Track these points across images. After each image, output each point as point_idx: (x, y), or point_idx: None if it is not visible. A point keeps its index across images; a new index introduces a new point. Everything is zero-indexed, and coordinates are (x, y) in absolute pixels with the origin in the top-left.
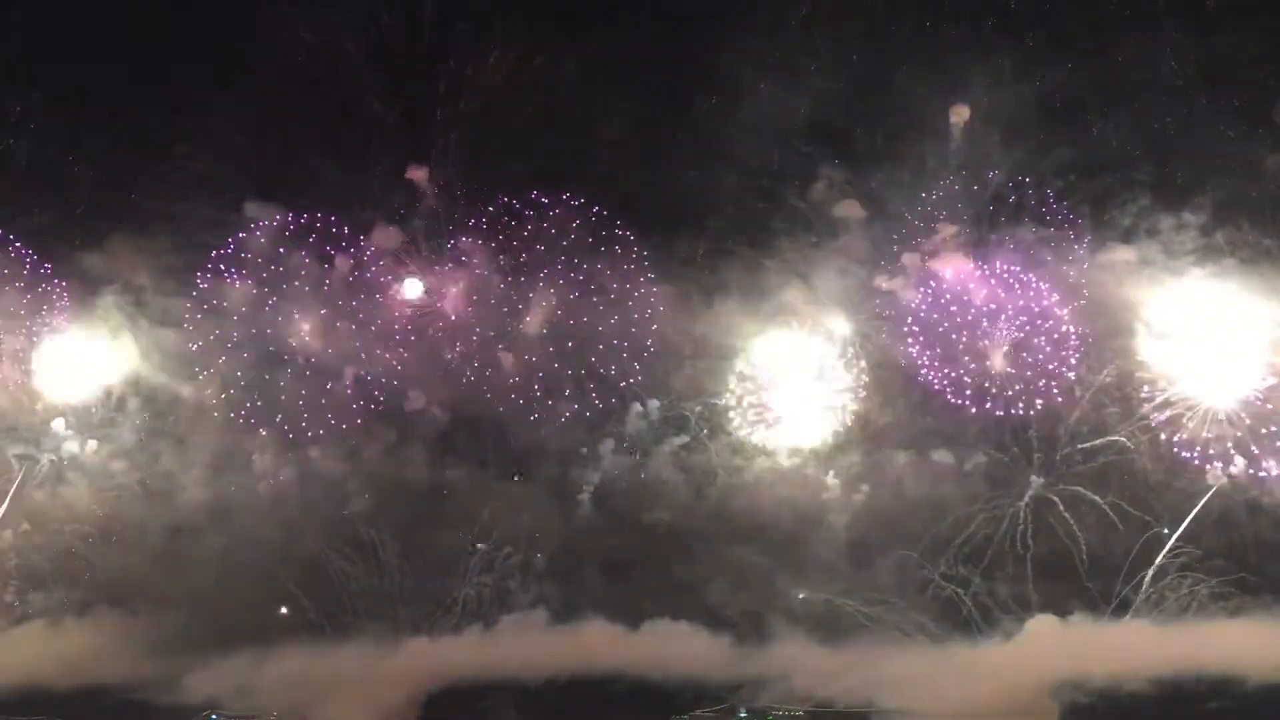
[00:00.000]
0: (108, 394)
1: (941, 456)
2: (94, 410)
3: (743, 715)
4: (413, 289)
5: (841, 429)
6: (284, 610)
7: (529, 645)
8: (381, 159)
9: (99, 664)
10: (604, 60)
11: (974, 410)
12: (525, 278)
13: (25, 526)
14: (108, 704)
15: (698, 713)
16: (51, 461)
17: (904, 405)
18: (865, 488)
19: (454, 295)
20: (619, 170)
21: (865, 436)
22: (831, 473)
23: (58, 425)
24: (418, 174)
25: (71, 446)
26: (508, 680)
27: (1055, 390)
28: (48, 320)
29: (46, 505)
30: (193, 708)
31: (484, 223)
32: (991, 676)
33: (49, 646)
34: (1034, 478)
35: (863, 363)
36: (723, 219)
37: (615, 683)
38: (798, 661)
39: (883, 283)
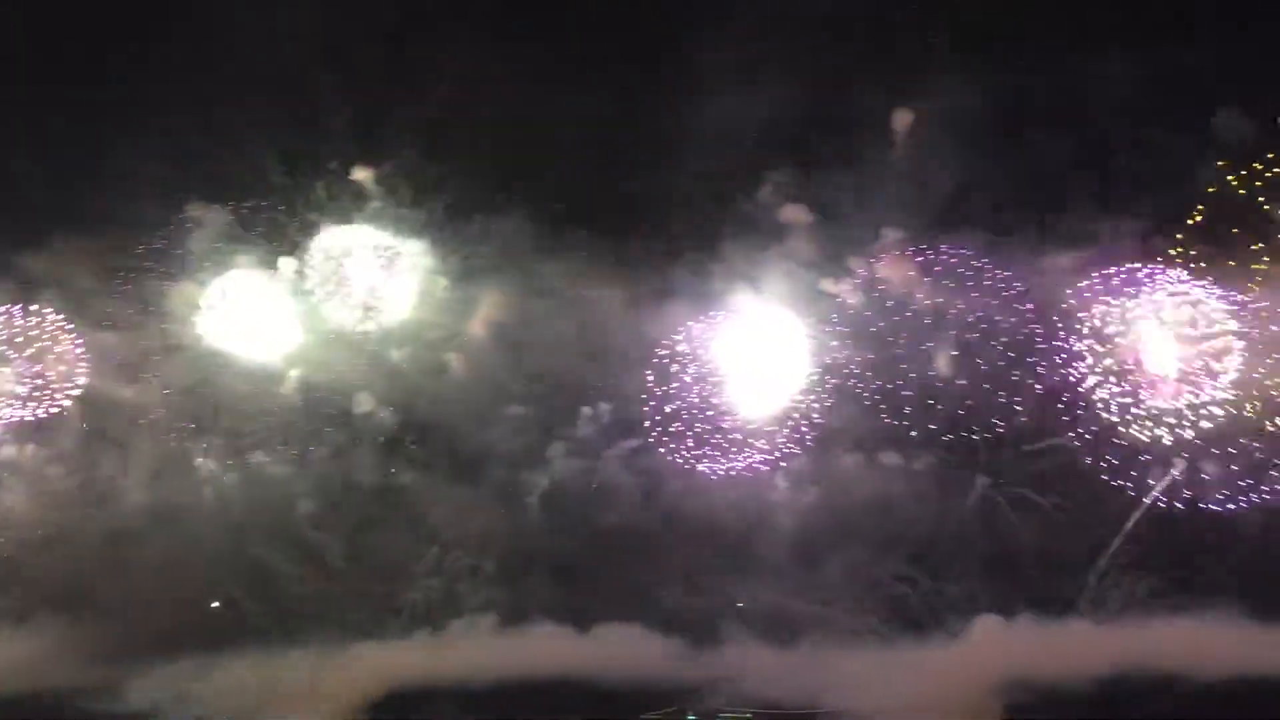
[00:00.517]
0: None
1: (889, 458)
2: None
3: (690, 718)
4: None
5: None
6: (227, 614)
7: (478, 649)
8: (330, 159)
9: (39, 671)
10: (557, 63)
11: (921, 412)
12: (473, 280)
13: None
14: (48, 712)
15: (646, 716)
16: None
17: (851, 407)
18: (814, 489)
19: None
20: (570, 173)
21: (813, 438)
22: (780, 475)
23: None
24: (364, 174)
25: (8, 451)
26: (456, 684)
27: (1001, 393)
28: None
29: None
30: (136, 715)
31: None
32: (938, 676)
33: None
34: (980, 479)
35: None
36: (672, 222)
37: (564, 686)
38: (746, 663)
39: (829, 286)
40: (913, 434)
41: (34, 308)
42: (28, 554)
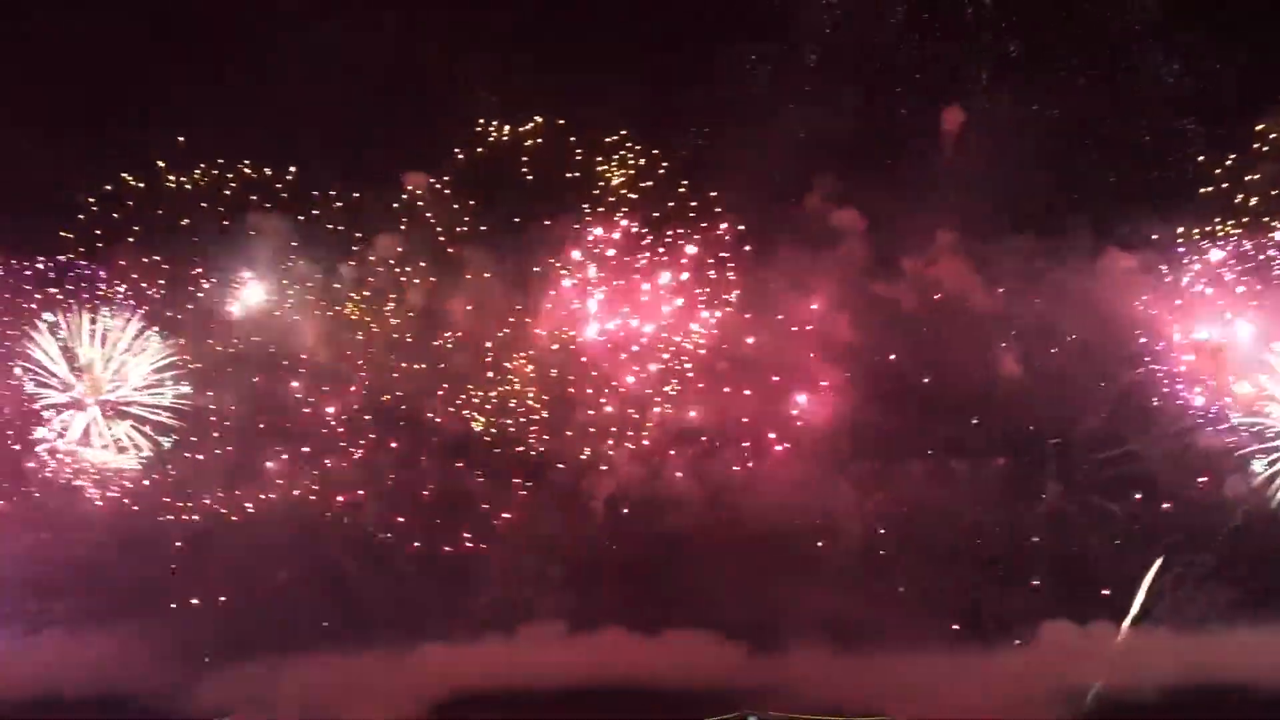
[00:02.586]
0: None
1: (955, 464)
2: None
3: None
4: None
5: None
6: (297, 616)
7: (546, 654)
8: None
9: (115, 672)
10: (600, 66)
11: (985, 417)
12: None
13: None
14: (123, 712)
15: None
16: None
17: (916, 413)
18: (878, 494)
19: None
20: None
21: (879, 444)
22: (845, 479)
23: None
24: (417, 180)
25: (82, 454)
26: (523, 689)
27: (1072, 397)
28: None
29: (64, 513)
30: (210, 714)
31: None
32: (1004, 683)
33: (67, 655)
34: (1051, 484)
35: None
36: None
37: (629, 691)
38: (810, 669)
39: (883, 290)
40: (977, 439)
41: (106, 316)
42: (103, 556)
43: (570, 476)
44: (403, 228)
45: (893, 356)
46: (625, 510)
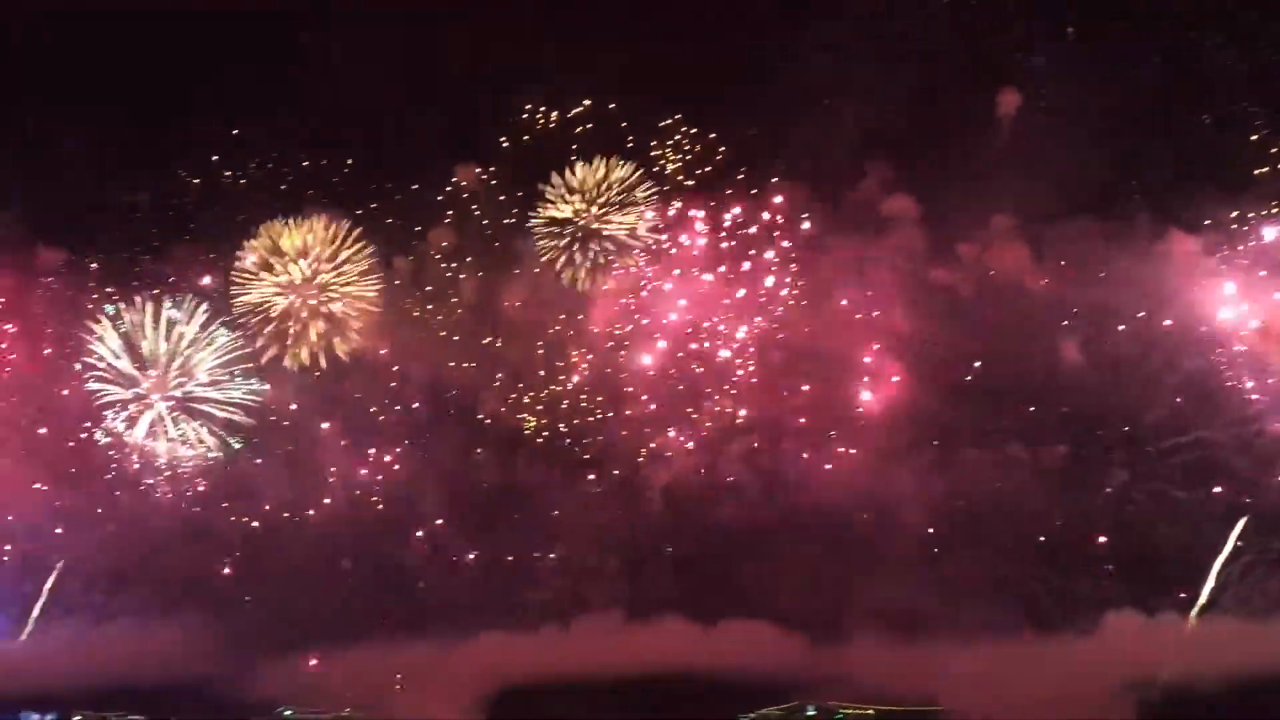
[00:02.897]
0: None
1: (1017, 452)
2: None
3: (810, 713)
4: None
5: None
6: (356, 609)
7: (603, 644)
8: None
9: (179, 662)
10: (655, 58)
11: (1048, 405)
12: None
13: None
14: (187, 700)
15: (765, 711)
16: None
17: (975, 401)
18: (938, 483)
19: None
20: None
21: (937, 433)
22: (904, 469)
23: (140, 429)
24: (468, 174)
25: (148, 449)
26: (580, 679)
27: (1133, 383)
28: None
29: (132, 507)
30: (268, 704)
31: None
32: (1067, 675)
33: (135, 644)
34: (1117, 473)
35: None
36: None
37: (686, 681)
38: (868, 660)
39: (939, 277)
40: (1038, 426)
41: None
42: (169, 549)
43: (626, 468)
44: (454, 222)
45: (950, 344)
46: (681, 501)
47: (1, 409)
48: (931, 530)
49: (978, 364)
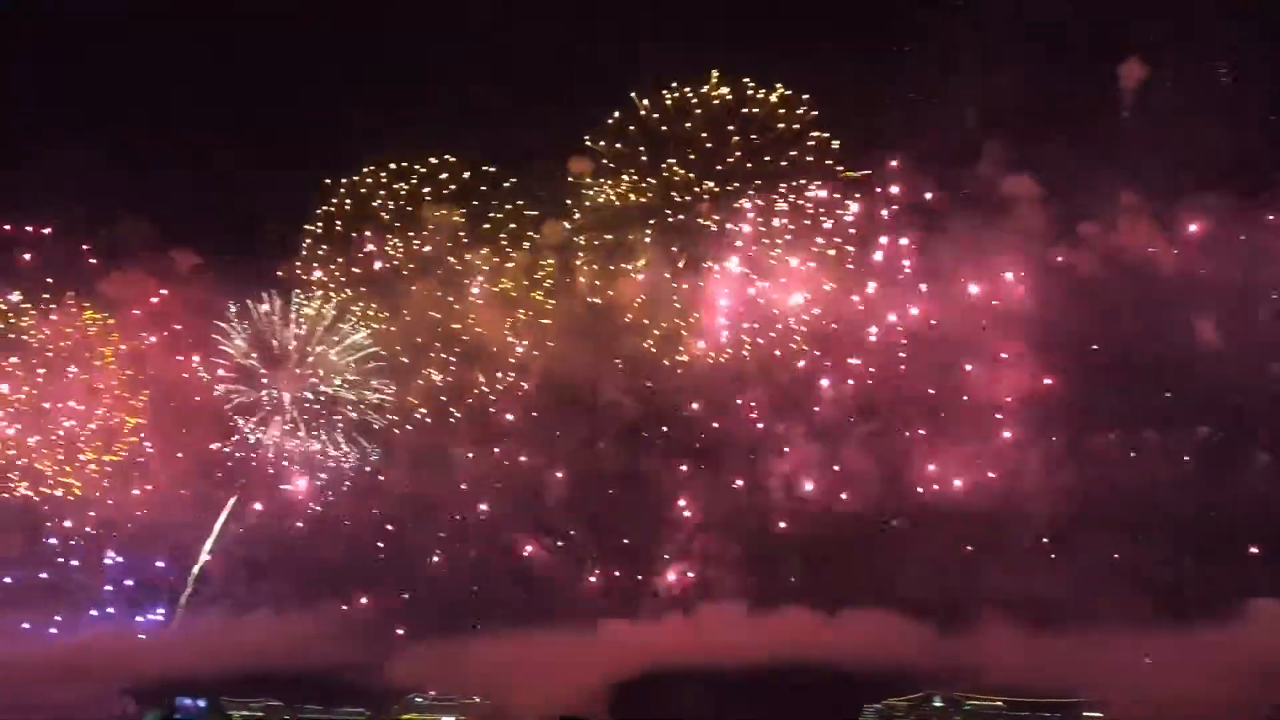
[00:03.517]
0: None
1: (1152, 436)
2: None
3: (937, 704)
4: None
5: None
6: (484, 596)
7: (727, 633)
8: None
9: (315, 649)
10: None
11: (1184, 387)
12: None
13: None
14: (322, 686)
15: (890, 701)
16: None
17: (1106, 384)
18: (1069, 469)
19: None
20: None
21: (1065, 417)
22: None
23: (275, 426)
24: (580, 165)
25: (286, 446)
26: (704, 667)
27: (1274, 362)
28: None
29: (270, 499)
30: (398, 690)
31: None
32: (1205, 664)
33: (274, 633)
34: (1260, 455)
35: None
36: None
37: (810, 670)
38: (999, 649)
39: (1061, 256)
40: (1173, 409)
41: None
42: (306, 540)
43: (747, 456)
44: (569, 212)
45: (1079, 326)
46: (805, 489)
47: (144, 408)
48: (1063, 517)
49: (1108, 346)
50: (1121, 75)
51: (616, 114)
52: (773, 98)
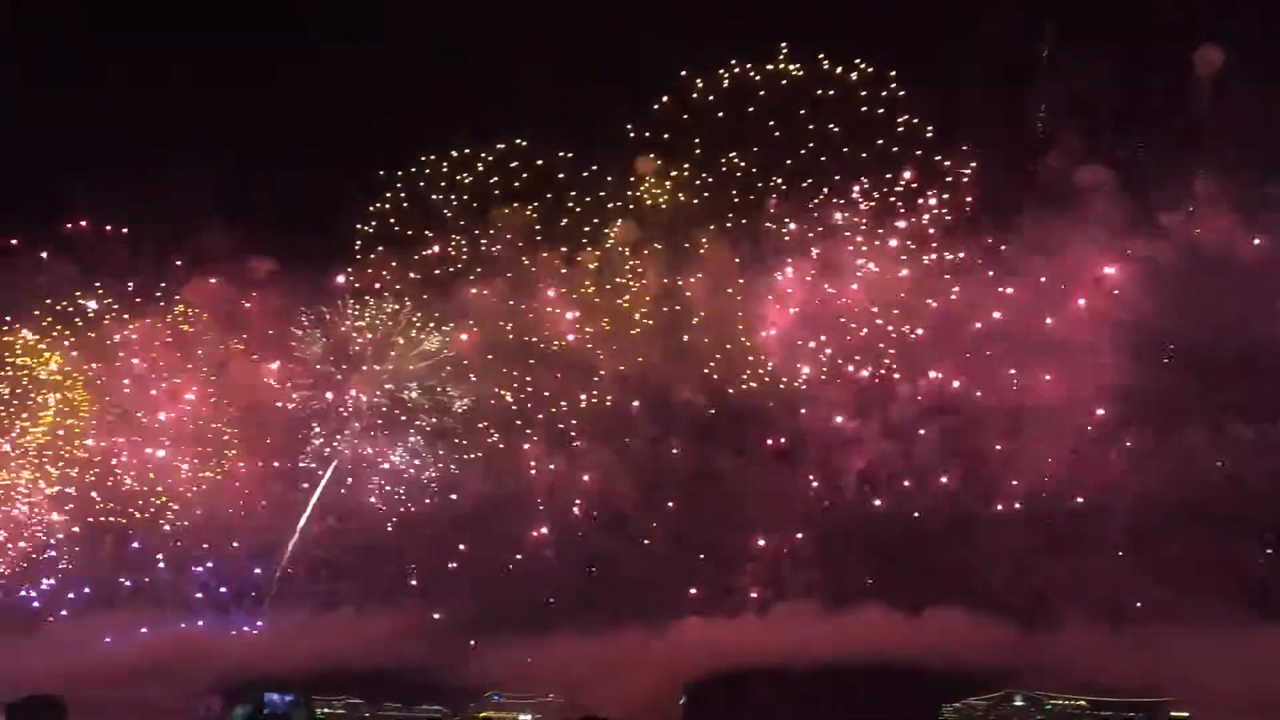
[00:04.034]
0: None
1: (1237, 430)
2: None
3: (1018, 703)
4: None
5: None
6: (559, 596)
7: (801, 632)
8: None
9: (394, 648)
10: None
11: (1270, 379)
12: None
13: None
14: (401, 684)
15: (970, 701)
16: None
17: (1189, 376)
18: (1152, 464)
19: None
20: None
21: (1150, 411)
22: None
23: (353, 428)
24: (648, 166)
25: (362, 449)
26: (778, 667)
27: None
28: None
29: (349, 502)
30: (475, 688)
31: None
32: None
33: (353, 632)
34: None
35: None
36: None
37: (887, 669)
38: (1082, 648)
39: (1138, 248)
40: (1260, 402)
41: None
42: (386, 541)
43: (820, 452)
44: (635, 211)
45: (1161, 319)
46: (877, 487)
47: (225, 413)
48: (1148, 512)
49: (1193, 340)
50: (1204, 61)
51: (665, 99)
52: (852, 75)
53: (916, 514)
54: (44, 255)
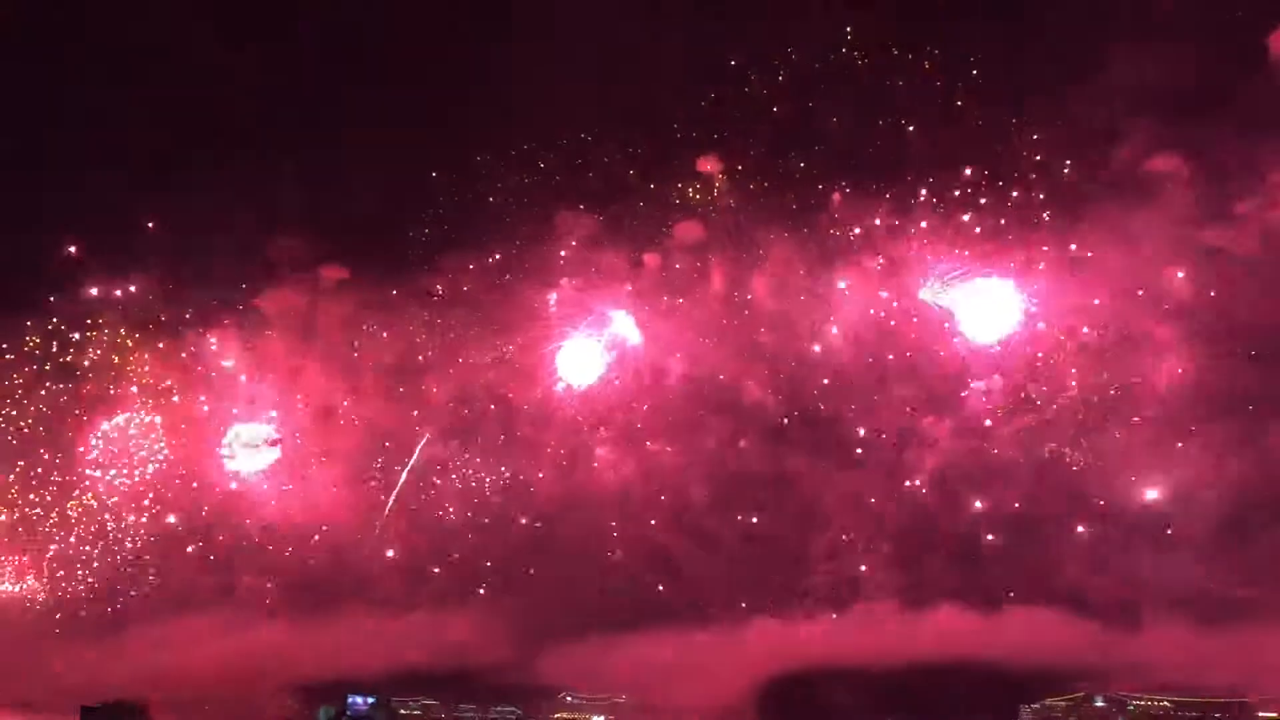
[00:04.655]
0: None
1: None
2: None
3: (1098, 704)
4: None
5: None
6: (631, 596)
7: (877, 632)
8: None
9: (469, 650)
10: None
11: None
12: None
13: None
14: (474, 686)
15: (1049, 701)
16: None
17: (1271, 368)
18: (1234, 459)
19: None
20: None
21: (1232, 403)
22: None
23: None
24: (711, 165)
25: (436, 452)
26: (853, 668)
27: None
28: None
29: (422, 505)
30: (548, 689)
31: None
32: None
33: (429, 634)
34: None
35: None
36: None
37: (965, 669)
38: (1165, 648)
39: (1214, 237)
40: None
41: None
42: (459, 544)
43: (894, 451)
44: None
45: (1242, 309)
46: (957, 484)
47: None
48: (1233, 510)
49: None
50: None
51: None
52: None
53: (993, 512)
54: (124, 264)
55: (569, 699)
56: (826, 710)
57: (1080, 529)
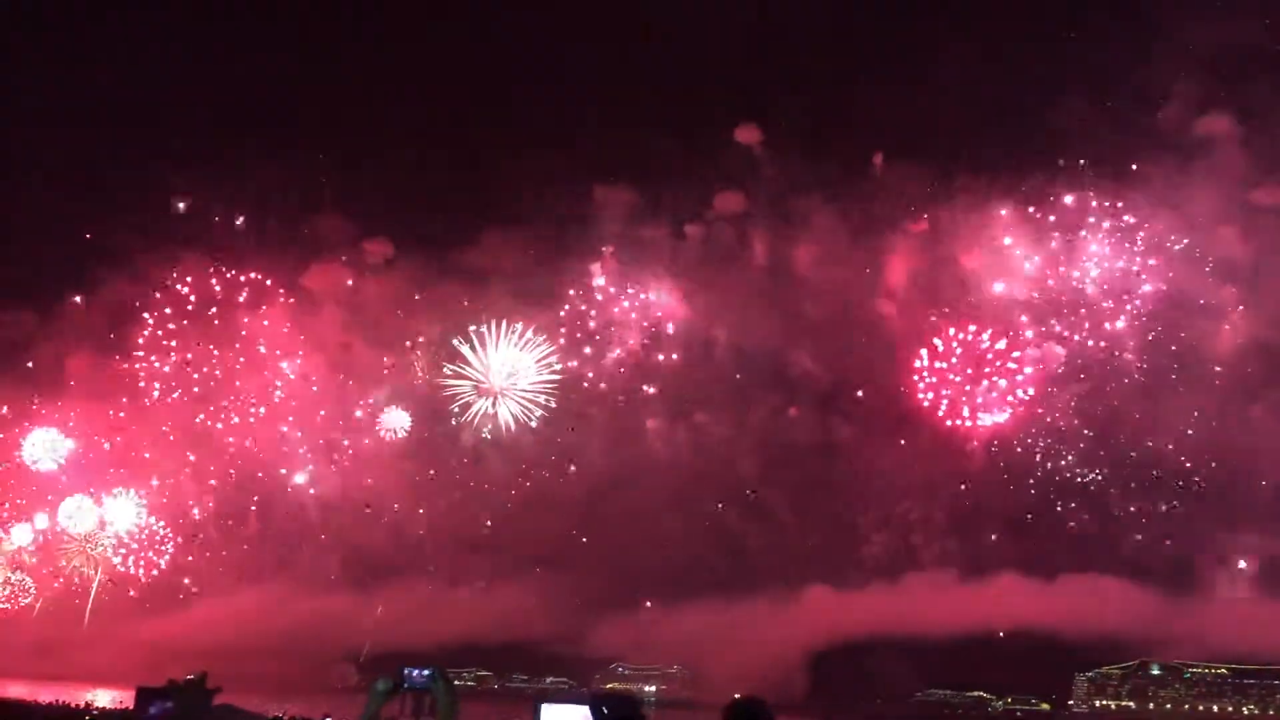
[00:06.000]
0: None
1: None
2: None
3: (1155, 672)
4: None
5: None
6: (683, 567)
7: (933, 602)
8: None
9: (521, 621)
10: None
11: None
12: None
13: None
14: (527, 657)
15: (1106, 668)
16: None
17: None
18: None
19: (802, 256)
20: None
21: None
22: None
23: (480, 405)
24: (750, 135)
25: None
26: (909, 637)
27: None
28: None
29: (475, 478)
30: (600, 660)
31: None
32: None
33: (482, 606)
34: None
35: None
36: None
37: (1022, 638)
38: (1223, 616)
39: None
40: None
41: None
42: (512, 517)
43: (946, 420)
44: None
45: None
46: (1013, 453)
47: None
48: None
49: None
50: None
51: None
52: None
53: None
54: (174, 247)
55: (621, 670)
56: (879, 679)
57: (1136, 497)
